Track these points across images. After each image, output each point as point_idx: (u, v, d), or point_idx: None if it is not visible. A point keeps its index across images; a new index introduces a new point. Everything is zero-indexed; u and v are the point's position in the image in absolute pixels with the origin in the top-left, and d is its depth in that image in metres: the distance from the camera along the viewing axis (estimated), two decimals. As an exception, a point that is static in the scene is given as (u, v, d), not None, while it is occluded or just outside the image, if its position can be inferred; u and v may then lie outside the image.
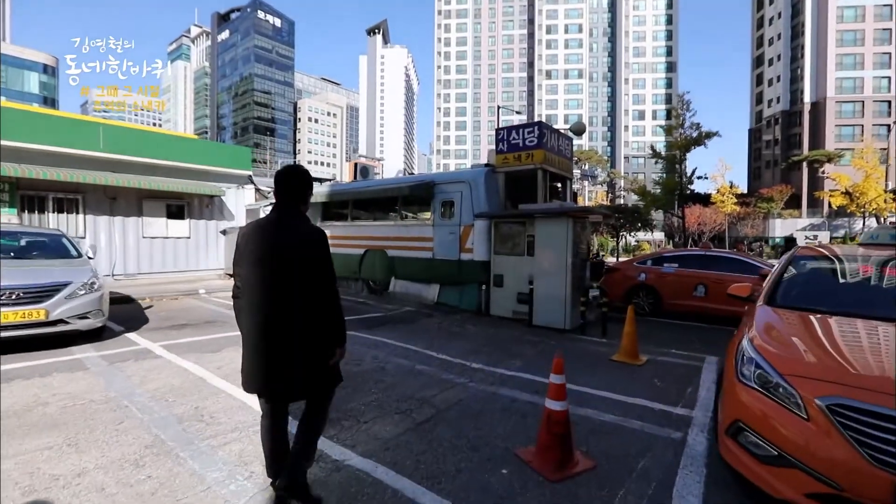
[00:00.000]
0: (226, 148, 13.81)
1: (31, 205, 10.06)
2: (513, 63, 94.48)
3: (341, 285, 11.99)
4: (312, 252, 2.19)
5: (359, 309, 9.05)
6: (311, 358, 2.18)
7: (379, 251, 10.64)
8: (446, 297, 9.56)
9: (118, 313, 7.88)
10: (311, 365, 2.18)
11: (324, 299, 2.21)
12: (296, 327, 2.14)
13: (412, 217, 10.41)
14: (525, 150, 8.68)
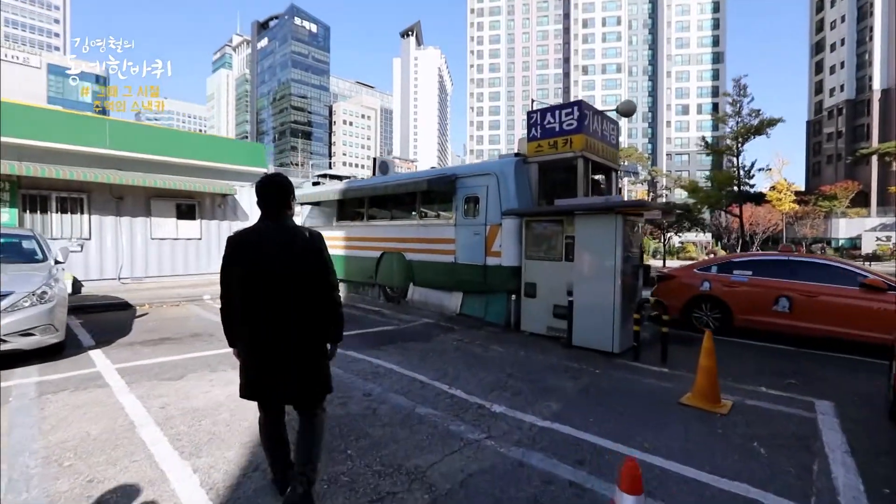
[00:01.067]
0: (239, 144, 13.21)
1: (34, 204, 9.60)
2: (547, 60, 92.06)
3: (357, 291, 10.98)
4: (310, 263, 2.24)
5: (369, 320, 7.95)
6: (306, 367, 2.22)
7: (396, 254, 9.53)
8: (470, 307, 8.32)
9: (105, 322, 7.13)
10: (305, 374, 2.22)
11: (323, 307, 2.27)
12: (292, 338, 2.17)
13: (432, 216, 9.25)
14: (562, 135, 7.32)
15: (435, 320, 8.02)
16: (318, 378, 2.27)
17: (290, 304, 2.17)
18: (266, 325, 2.16)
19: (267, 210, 2.28)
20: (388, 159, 11.90)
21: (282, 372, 2.18)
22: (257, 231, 2.24)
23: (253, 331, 2.18)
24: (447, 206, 8.73)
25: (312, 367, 2.24)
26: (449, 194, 8.48)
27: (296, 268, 2.20)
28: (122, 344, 5.77)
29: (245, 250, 2.21)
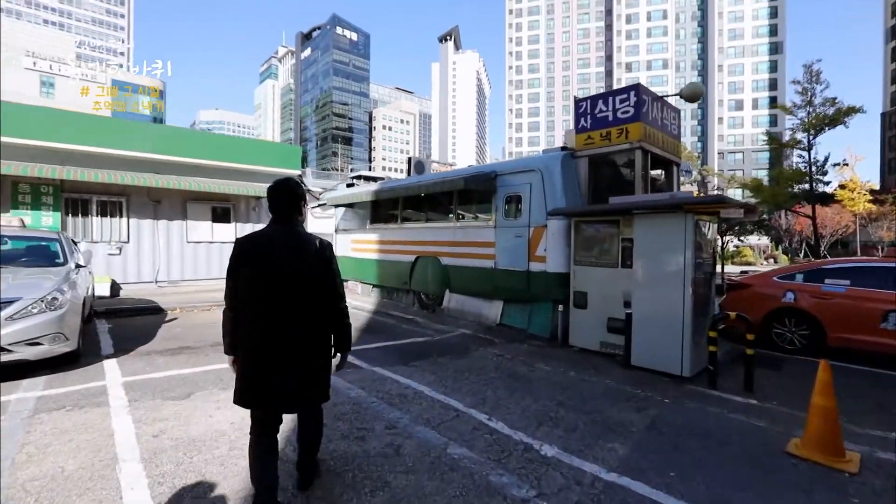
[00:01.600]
0: (274, 146, 13.09)
1: (75, 208, 9.73)
2: (589, 58, 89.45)
3: (391, 297, 10.47)
4: (319, 270, 2.27)
5: (401, 330, 7.36)
6: (311, 372, 2.23)
7: (431, 258, 8.93)
8: (511, 317, 7.56)
9: (132, 327, 6.92)
10: (309, 378, 2.23)
11: (329, 315, 2.32)
12: (298, 342, 2.17)
13: (470, 218, 8.57)
14: (617, 124, 6.46)
15: (472, 331, 7.32)
16: (319, 384, 2.30)
17: (298, 308, 2.19)
18: (275, 326, 2.15)
19: (277, 214, 2.31)
20: (423, 159, 11.36)
21: (285, 375, 2.16)
22: (268, 234, 2.25)
23: (261, 332, 2.15)
24: (486, 207, 8.04)
25: (315, 372, 2.26)
26: (488, 193, 7.79)
27: (305, 272, 2.22)
28: (140, 353, 5.45)
29: (255, 253, 2.20)
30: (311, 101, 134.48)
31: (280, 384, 2.16)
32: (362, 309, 9.35)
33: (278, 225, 2.29)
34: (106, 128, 9.85)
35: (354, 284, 11.65)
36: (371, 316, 8.65)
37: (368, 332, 7.21)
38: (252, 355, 2.17)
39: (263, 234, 2.26)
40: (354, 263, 11.38)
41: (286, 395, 2.18)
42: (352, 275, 11.66)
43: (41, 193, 9.18)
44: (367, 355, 5.65)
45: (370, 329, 7.43)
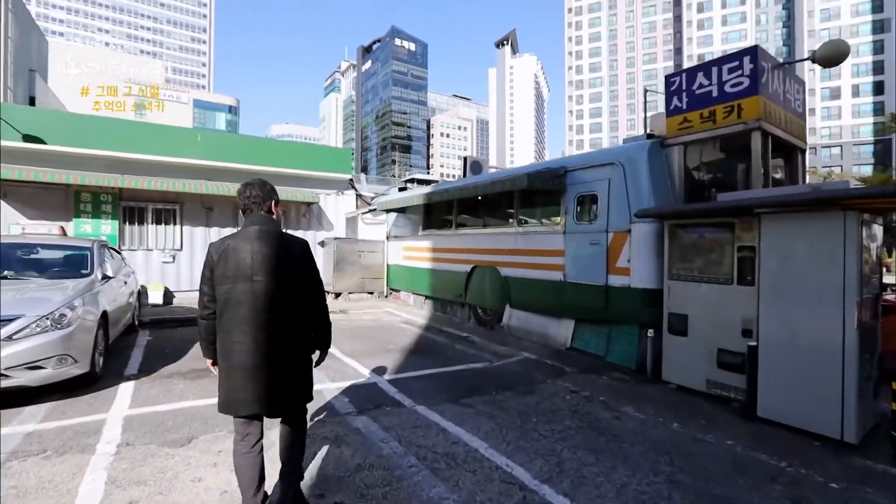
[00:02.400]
0: (323, 150, 12.70)
1: (132, 216, 9.80)
2: (656, 53, 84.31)
3: (444, 310, 9.55)
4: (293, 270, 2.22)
5: (454, 352, 6.38)
6: (290, 375, 2.19)
7: (489, 269, 7.89)
8: (585, 340, 6.33)
9: (169, 341, 6.52)
10: (289, 382, 2.19)
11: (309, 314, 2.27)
12: (275, 346, 2.14)
13: (534, 222, 7.46)
14: (725, 100, 5.08)
15: (538, 356, 6.19)
16: (300, 387, 2.24)
17: (273, 311, 2.14)
18: (250, 331, 2.11)
19: (247, 214, 2.29)
20: (480, 159, 10.39)
21: (264, 380, 2.12)
22: (240, 237, 2.20)
23: (237, 338, 2.12)
24: (553, 209, 6.90)
25: (295, 375, 2.21)
26: (556, 193, 6.65)
27: (278, 275, 2.16)
28: (163, 375, 4.90)
29: (227, 257, 2.15)
30: (372, 111, 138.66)
31: (259, 389, 2.11)
32: (412, 324, 8.49)
33: (250, 227, 2.23)
34: (160, 136, 9.86)
35: (406, 296, 10.88)
36: (421, 333, 7.75)
37: (416, 353, 6.30)
38: (230, 362, 2.14)
39: (235, 237, 2.21)
40: (406, 272, 10.60)
41: (266, 400, 2.14)
42: (403, 285, 10.89)
43: (101, 202, 9.29)
44: (412, 387, 4.72)
45: (418, 350, 6.52)
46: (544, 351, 6.44)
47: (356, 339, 7.06)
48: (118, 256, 6.58)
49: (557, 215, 6.74)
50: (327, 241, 11.36)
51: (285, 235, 2.28)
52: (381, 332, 7.73)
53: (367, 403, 4.19)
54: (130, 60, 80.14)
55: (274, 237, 2.20)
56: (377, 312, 9.67)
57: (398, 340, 7.04)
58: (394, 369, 5.43)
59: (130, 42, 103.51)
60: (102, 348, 4.70)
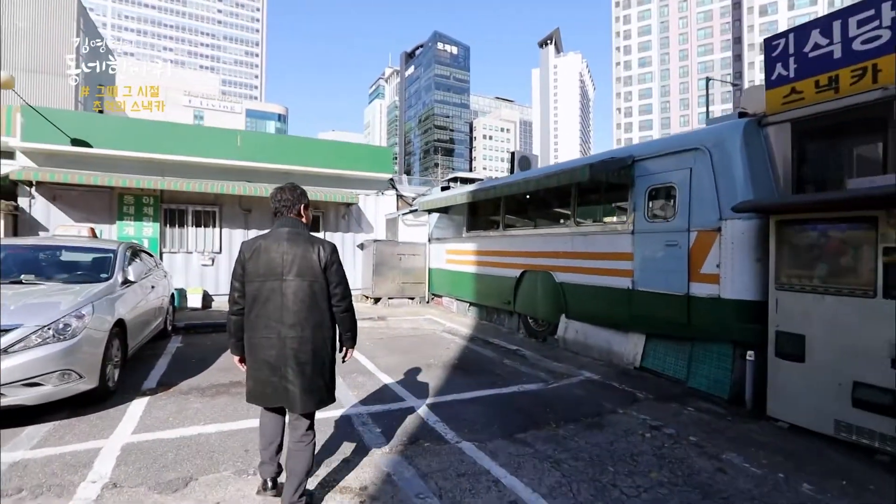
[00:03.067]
0: (363, 149, 12.22)
1: (173, 218, 9.72)
2: (712, 44, 79.38)
3: (490, 318, 8.76)
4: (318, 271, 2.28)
5: (503, 370, 5.59)
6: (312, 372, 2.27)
7: (541, 274, 7.05)
8: (659, 360, 5.35)
9: (198, 348, 6.16)
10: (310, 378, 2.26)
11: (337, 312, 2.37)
12: (297, 344, 2.23)
13: (595, 220, 6.55)
14: (853, 62, 4.00)
15: (601, 376, 5.28)
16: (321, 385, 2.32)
17: (298, 310, 2.23)
18: (275, 328, 2.22)
19: (277, 217, 2.41)
20: (529, 154, 9.54)
21: (286, 375, 2.22)
22: (269, 238, 2.32)
23: (262, 334, 2.23)
24: (619, 206, 5.98)
25: (317, 373, 2.28)
26: (621, 187, 5.74)
27: (303, 275, 2.25)
28: (181, 390, 4.44)
29: (256, 257, 2.28)
30: (415, 115, 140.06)
31: (282, 384, 2.23)
32: (456, 333, 7.77)
33: (281, 228, 2.35)
34: (200, 137, 9.74)
35: (449, 301, 10.18)
36: (465, 345, 7.01)
37: (460, 369, 5.56)
38: (256, 356, 2.28)
39: (266, 237, 2.34)
40: (449, 277, 9.91)
41: (288, 394, 2.24)
42: (445, 290, 10.20)
43: (143, 205, 9.27)
44: (456, 414, 3.98)
45: (463, 365, 5.78)
46: (608, 370, 5.52)
47: (394, 350, 6.43)
48: (150, 259, 6.31)
49: (623, 213, 5.81)
50: (366, 244, 10.89)
51: (313, 237, 2.37)
52: (422, 342, 7.06)
53: (403, 436, 3.51)
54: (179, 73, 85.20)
55: (303, 239, 2.32)
56: (418, 320, 9.03)
57: (440, 353, 6.34)
58: (435, 390, 4.72)
59: (191, 59, 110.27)
60: (119, 360, 4.30)
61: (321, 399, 2.33)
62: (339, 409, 4.03)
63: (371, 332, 7.60)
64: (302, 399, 2.24)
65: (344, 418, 3.84)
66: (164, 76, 16.31)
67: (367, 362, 5.76)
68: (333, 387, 2.41)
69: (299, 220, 2.42)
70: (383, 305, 10.45)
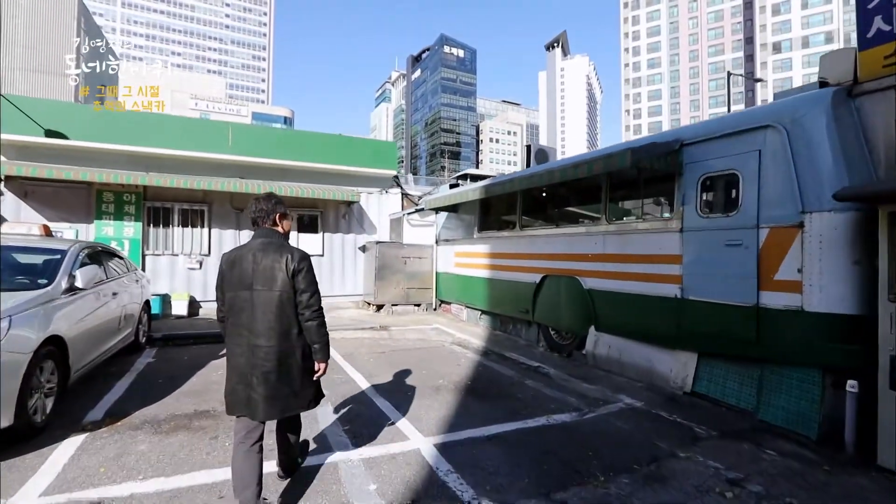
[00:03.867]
0: (366, 143, 11.32)
1: (157, 217, 8.94)
2: (723, 44, 78.17)
3: (505, 329, 7.87)
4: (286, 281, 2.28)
5: (525, 394, 4.68)
6: (285, 380, 2.29)
7: (566, 279, 6.15)
8: (717, 384, 4.42)
9: (168, 365, 5.32)
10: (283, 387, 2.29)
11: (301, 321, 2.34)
12: (269, 352, 2.25)
13: (632, 217, 5.66)
14: None
15: (644, 403, 4.38)
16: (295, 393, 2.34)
17: (268, 319, 2.25)
18: (247, 337, 2.26)
19: (253, 226, 2.47)
20: (546, 147, 8.66)
21: (257, 384, 2.24)
22: (246, 248, 2.37)
23: (237, 342, 2.29)
24: (660, 199, 5.09)
25: (290, 380, 2.31)
26: (665, 177, 4.85)
27: (272, 285, 2.27)
28: (132, 423, 3.59)
29: (232, 266, 2.34)
30: (421, 119, 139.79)
31: (250, 393, 2.24)
32: (467, 346, 6.88)
33: (255, 240, 2.40)
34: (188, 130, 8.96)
35: (458, 309, 9.29)
36: (478, 360, 6.12)
37: (476, 394, 4.67)
38: (230, 364, 2.32)
39: (242, 248, 2.39)
40: (458, 282, 9.03)
41: (250, 402, 2.25)
42: (454, 296, 9.32)
43: (124, 202, 8.49)
44: (474, 459, 3.10)
45: (478, 388, 4.88)
46: (651, 396, 4.61)
47: (397, 367, 5.56)
48: (118, 262, 5.49)
49: (667, 207, 4.92)
50: (368, 246, 10.04)
51: (284, 246, 2.38)
52: (429, 357, 6.18)
53: (404, 494, 2.63)
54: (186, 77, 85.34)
55: (273, 248, 2.33)
56: (424, 330, 8.15)
57: (450, 371, 5.45)
58: (445, 423, 3.83)
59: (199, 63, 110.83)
60: (54, 386, 3.46)
61: (286, 406, 2.32)
62: (326, 453, 3.16)
63: (372, 345, 6.73)
64: (263, 407, 2.25)
65: (330, 466, 2.97)
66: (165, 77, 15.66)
67: (365, 382, 4.89)
68: (309, 394, 2.40)
69: (274, 229, 2.44)
70: (386, 313, 9.58)
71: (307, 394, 2.39)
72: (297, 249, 2.38)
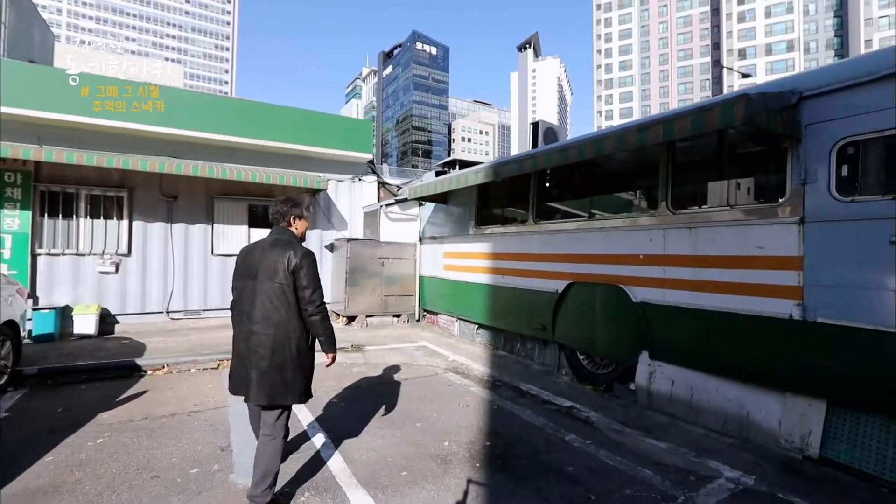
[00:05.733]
0: (337, 121, 9.30)
1: (54, 205, 6.85)
2: (691, 48, 79.87)
3: (511, 348, 6.28)
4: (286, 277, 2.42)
5: (574, 459, 3.09)
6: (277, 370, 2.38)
7: (604, 287, 4.64)
8: (864, 450, 2.95)
9: (27, 419, 3.44)
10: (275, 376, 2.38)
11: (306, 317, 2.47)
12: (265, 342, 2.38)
13: (710, 205, 4.18)
14: None
15: (755, 478, 2.92)
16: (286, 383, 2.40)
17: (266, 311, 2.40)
18: (247, 326, 2.43)
19: (273, 223, 2.67)
20: (556, 127, 7.15)
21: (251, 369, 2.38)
22: (258, 244, 2.59)
23: (238, 330, 2.50)
24: (761, 178, 3.61)
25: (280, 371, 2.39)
26: (769, 144, 3.37)
27: (274, 279, 2.41)
28: None
29: (242, 260, 2.57)
30: (393, 116, 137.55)
31: (245, 376, 2.40)
32: (468, 374, 5.26)
33: (270, 236, 2.59)
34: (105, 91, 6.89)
35: (449, 321, 7.66)
36: (487, 396, 4.50)
37: (500, 469, 3.04)
38: (233, 348, 2.51)
39: (257, 243, 2.60)
40: (448, 289, 7.41)
41: (246, 383, 2.39)
42: (443, 306, 7.69)
43: (6, 184, 6.38)
44: None
45: (503, 453, 3.26)
46: (758, 462, 3.14)
47: (378, 414, 3.89)
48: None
49: (766, 188, 3.45)
50: (337, 244, 8.27)
51: (292, 244, 2.52)
52: (421, 395, 4.52)
53: None
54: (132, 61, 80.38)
55: (281, 245, 2.49)
56: (408, 349, 6.48)
57: (455, 422, 3.82)
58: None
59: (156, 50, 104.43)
60: None
61: (274, 394, 2.38)
62: None
63: (342, 375, 5.02)
64: (254, 389, 2.37)
65: None
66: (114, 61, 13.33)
67: (329, 450, 3.20)
68: (298, 390, 2.45)
69: (288, 228, 2.62)
70: (360, 327, 7.85)
71: (297, 387, 2.44)
72: (302, 248, 2.53)
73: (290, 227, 2.61)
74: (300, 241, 2.62)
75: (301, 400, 2.48)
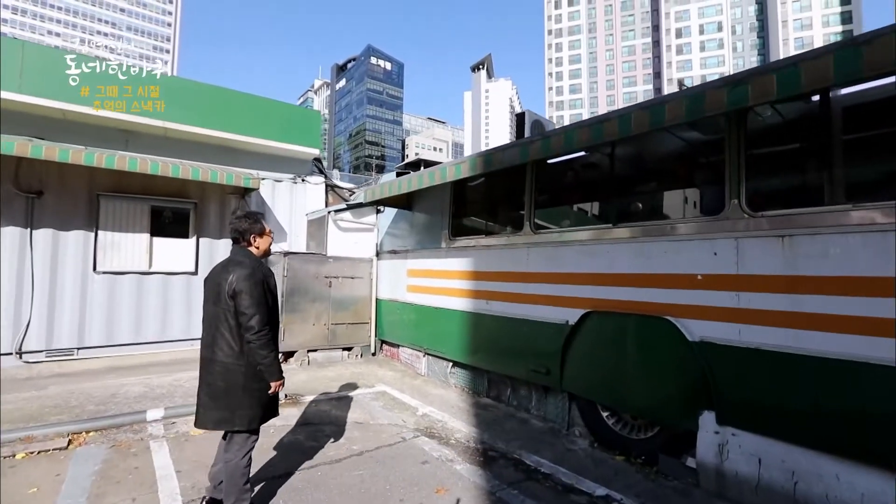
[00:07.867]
0: (276, 106, 7.51)
1: None
2: (635, 76, 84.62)
3: (494, 393, 4.81)
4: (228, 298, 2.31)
5: None
6: (224, 394, 2.31)
7: (639, 319, 3.35)
8: None
9: None
10: (222, 400, 2.31)
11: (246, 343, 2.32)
12: (214, 365, 2.33)
13: (817, 207, 2.99)
14: None
15: None
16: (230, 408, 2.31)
17: (214, 334, 2.35)
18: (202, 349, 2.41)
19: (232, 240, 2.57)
20: (544, 119, 5.96)
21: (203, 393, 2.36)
22: (218, 264, 2.54)
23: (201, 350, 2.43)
24: None
25: (222, 396, 2.31)
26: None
27: (221, 300, 2.33)
28: None
29: (206, 282, 2.48)
30: (345, 129, 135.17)
31: (199, 402, 2.37)
32: (445, 438, 3.75)
33: (229, 256, 2.50)
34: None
35: (413, 356, 6.12)
36: (481, 482, 3.01)
37: None
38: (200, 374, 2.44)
39: (216, 265, 2.53)
40: (413, 315, 5.92)
41: (200, 412, 2.36)
42: (407, 337, 6.18)
43: None
44: None
45: None
46: None
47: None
48: None
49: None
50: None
51: (239, 265, 2.37)
52: (383, 489, 2.96)
53: None
54: None
55: (231, 266, 2.37)
56: (363, 400, 4.86)
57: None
58: None
59: (84, 47, 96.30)
60: None
61: (219, 419, 2.33)
62: None
63: (265, 448, 3.35)
64: (200, 414, 2.35)
65: None
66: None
67: None
68: (248, 415, 2.34)
69: (245, 247, 2.48)
70: (299, 365, 6.13)
71: (245, 414, 2.33)
72: (245, 269, 2.34)
73: (251, 246, 2.49)
74: (262, 259, 2.53)
75: (250, 426, 2.36)
